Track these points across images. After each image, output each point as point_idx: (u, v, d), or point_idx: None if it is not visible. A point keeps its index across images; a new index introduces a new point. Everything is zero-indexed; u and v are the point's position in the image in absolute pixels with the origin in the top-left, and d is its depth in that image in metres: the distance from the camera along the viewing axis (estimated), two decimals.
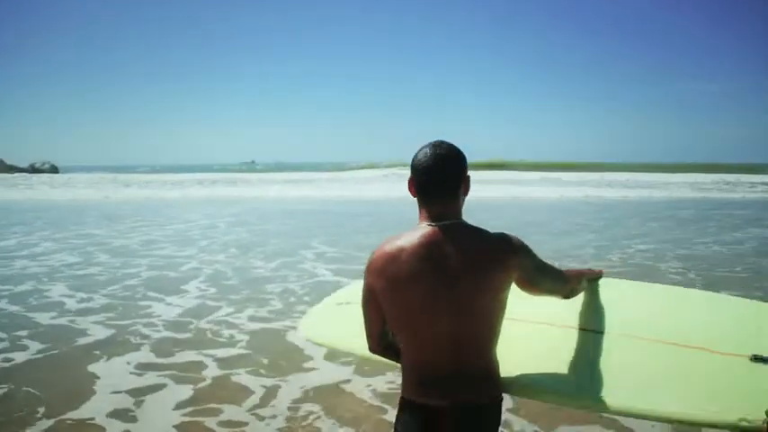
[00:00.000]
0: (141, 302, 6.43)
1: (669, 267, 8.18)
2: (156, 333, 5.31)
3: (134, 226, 13.94)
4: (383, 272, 1.52)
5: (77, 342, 5.07)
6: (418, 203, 1.58)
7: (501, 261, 1.51)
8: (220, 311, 6.02)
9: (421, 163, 1.54)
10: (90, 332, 5.34)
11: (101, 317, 5.83)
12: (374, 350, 1.71)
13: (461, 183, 1.56)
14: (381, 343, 1.67)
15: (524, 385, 1.66)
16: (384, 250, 1.53)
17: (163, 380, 4.18)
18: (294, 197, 24.85)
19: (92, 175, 48.05)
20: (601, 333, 1.77)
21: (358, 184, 33.72)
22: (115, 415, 3.59)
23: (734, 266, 8.28)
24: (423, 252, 1.49)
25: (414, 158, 1.57)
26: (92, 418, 3.53)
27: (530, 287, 1.62)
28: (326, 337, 2.29)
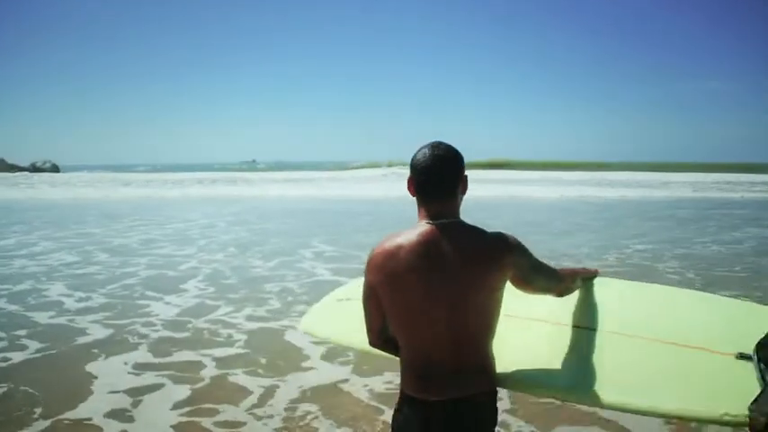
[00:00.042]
0: (140, 301, 6.44)
1: (667, 267, 8.19)
2: (155, 332, 5.32)
3: (133, 225, 13.95)
4: (382, 268, 1.55)
5: (76, 341, 5.08)
6: (417, 202, 1.61)
7: (497, 259, 1.54)
8: (219, 311, 6.03)
9: (420, 163, 1.57)
10: (88, 331, 5.35)
11: (99, 316, 5.84)
12: (374, 344, 1.74)
13: (459, 182, 1.59)
14: (381, 337, 1.69)
15: (519, 380, 1.70)
16: (383, 247, 1.56)
17: (160, 380, 4.19)
18: (294, 196, 24.85)
19: (93, 175, 47.97)
20: (593, 330, 1.81)
21: (358, 184, 33.68)
22: (112, 415, 3.60)
23: (733, 266, 8.29)
24: (421, 249, 1.52)
25: (413, 159, 1.60)
26: (89, 419, 3.54)
27: (524, 285, 1.65)
28: (326, 332, 2.33)
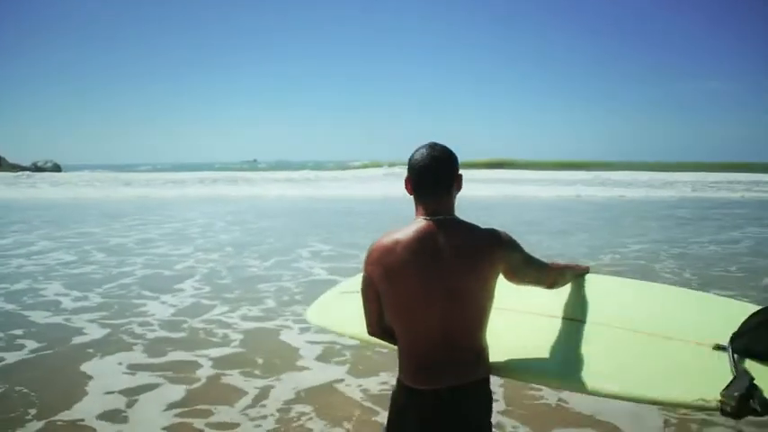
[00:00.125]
0: (136, 301, 6.45)
1: (664, 267, 8.19)
2: (151, 332, 5.33)
3: (132, 224, 13.96)
4: (380, 262, 1.63)
5: (72, 341, 5.08)
6: (414, 200, 1.70)
7: (489, 253, 1.63)
8: (214, 310, 6.03)
9: (417, 163, 1.67)
10: (84, 331, 5.36)
11: (95, 315, 5.85)
12: (372, 334, 1.83)
13: (454, 181, 1.69)
14: (379, 327, 1.78)
15: (511, 368, 1.80)
16: (382, 242, 1.65)
17: (155, 380, 4.19)
18: (294, 196, 24.85)
19: (94, 174, 47.86)
20: (582, 322, 1.92)
21: (359, 183, 33.66)
22: (106, 416, 3.60)
23: (729, 266, 8.29)
24: (417, 244, 1.61)
25: (410, 159, 1.69)
26: (83, 419, 3.55)
27: (516, 278, 1.74)
28: (329, 322, 2.42)
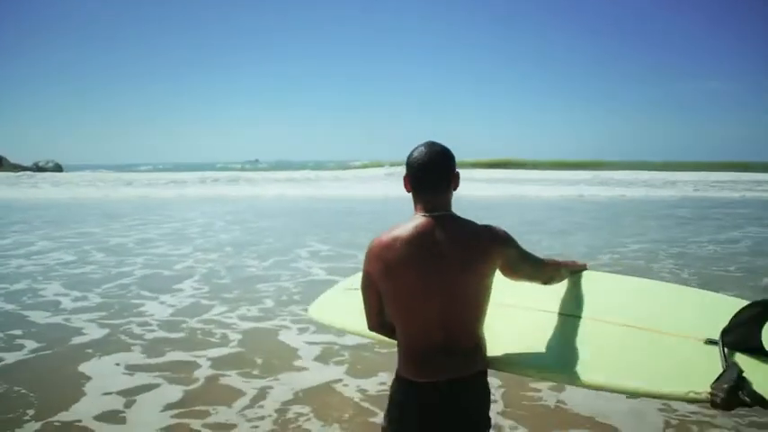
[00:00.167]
0: (135, 301, 6.46)
1: (662, 267, 8.18)
2: (149, 333, 5.33)
3: (132, 224, 13.97)
4: (380, 258, 1.67)
5: (71, 342, 5.09)
6: (413, 198, 1.74)
7: (486, 249, 1.67)
8: (213, 310, 6.04)
9: (416, 161, 1.71)
10: (83, 331, 5.36)
11: (94, 315, 5.86)
12: (372, 328, 1.86)
13: (451, 179, 1.73)
14: (379, 322, 1.82)
15: (509, 362, 1.83)
16: (381, 239, 1.69)
17: (154, 380, 4.20)
18: (295, 195, 24.85)
19: (95, 174, 47.81)
20: (578, 317, 1.96)
21: (360, 183, 33.60)
22: (104, 417, 3.60)
23: (728, 266, 8.28)
24: (416, 240, 1.65)
25: (409, 157, 1.73)
26: (80, 420, 3.55)
27: (512, 273, 1.78)
28: (331, 319, 2.46)
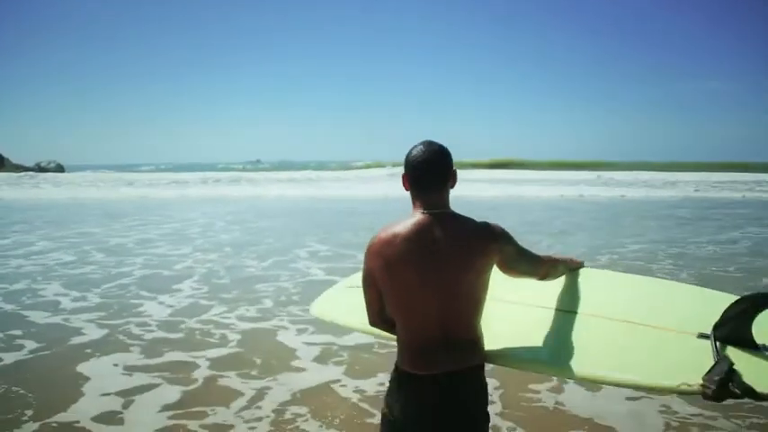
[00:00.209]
0: (134, 301, 6.47)
1: (661, 267, 8.18)
2: (148, 333, 5.34)
3: (132, 225, 13.98)
4: (380, 254, 1.70)
5: (70, 342, 5.10)
6: (411, 195, 1.78)
7: (483, 245, 1.71)
8: (212, 311, 6.05)
9: (415, 159, 1.75)
10: (83, 331, 5.38)
11: (94, 315, 5.88)
12: (373, 323, 1.90)
13: (449, 176, 1.76)
14: (379, 317, 1.85)
15: (506, 356, 1.87)
16: (381, 236, 1.72)
17: (152, 381, 4.20)
18: (297, 196, 24.87)
19: (97, 174, 47.84)
20: (574, 313, 1.99)
21: (362, 183, 33.57)
22: (101, 418, 3.61)
23: (727, 266, 8.29)
24: (414, 237, 1.68)
25: (407, 156, 1.77)
26: (77, 421, 3.56)
27: (509, 269, 1.82)
28: (334, 316, 2.51)
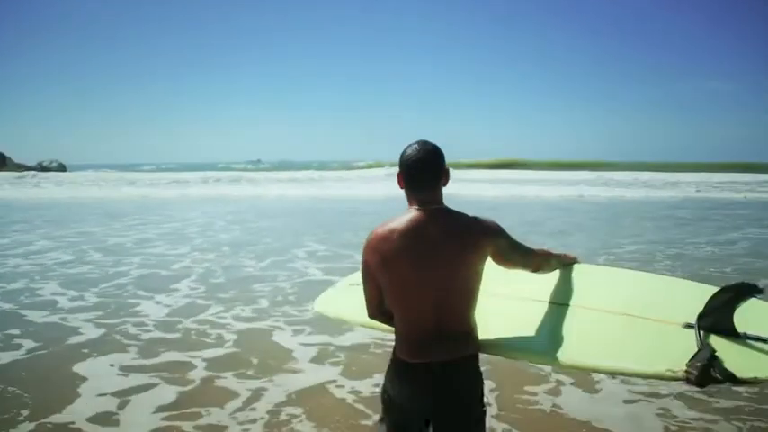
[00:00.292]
0: (131, 301, 6.47)
1: (659, 268, 8.16)
2: (145, 333, 5.35)
3: (131, 224, 13.99)
4: (377, 249, 1.78)
5: (67, 341, 5.10)
6: (406, 193, 1.86)
7: (477, 240, 1.78)
8: (209, 311, 6.05)
9: (409, 158, 1.82)
10: (80, 331, 5.38)
11: (91, 315, 5.88)
12: (372, 316, 1.98)
13: (442, 174, 1.84)
14: (378, 310, 1.94)
15: (499, 346, 1.95)
16: (378, 231, 1.80)
17: (148, 381, 4.21)
18: (297, 195, 24.85)
19: (98, 174, 47.76)
20: (567, 306, 2.08)
21: (363, 183, 33.46)
22: (97, 419, 3.61)
23: (725, 267, 8.28)
24: (410, 233, 1.76)
25: (402, 155, 1.84)
26: (73, 422, 3.55)
27: (503, 261, 1.89)
28: (336, 312, 2.58)
